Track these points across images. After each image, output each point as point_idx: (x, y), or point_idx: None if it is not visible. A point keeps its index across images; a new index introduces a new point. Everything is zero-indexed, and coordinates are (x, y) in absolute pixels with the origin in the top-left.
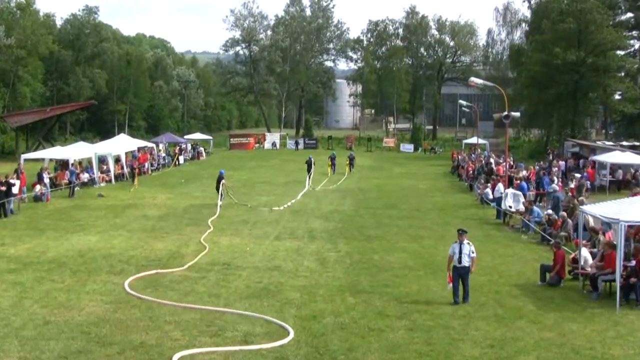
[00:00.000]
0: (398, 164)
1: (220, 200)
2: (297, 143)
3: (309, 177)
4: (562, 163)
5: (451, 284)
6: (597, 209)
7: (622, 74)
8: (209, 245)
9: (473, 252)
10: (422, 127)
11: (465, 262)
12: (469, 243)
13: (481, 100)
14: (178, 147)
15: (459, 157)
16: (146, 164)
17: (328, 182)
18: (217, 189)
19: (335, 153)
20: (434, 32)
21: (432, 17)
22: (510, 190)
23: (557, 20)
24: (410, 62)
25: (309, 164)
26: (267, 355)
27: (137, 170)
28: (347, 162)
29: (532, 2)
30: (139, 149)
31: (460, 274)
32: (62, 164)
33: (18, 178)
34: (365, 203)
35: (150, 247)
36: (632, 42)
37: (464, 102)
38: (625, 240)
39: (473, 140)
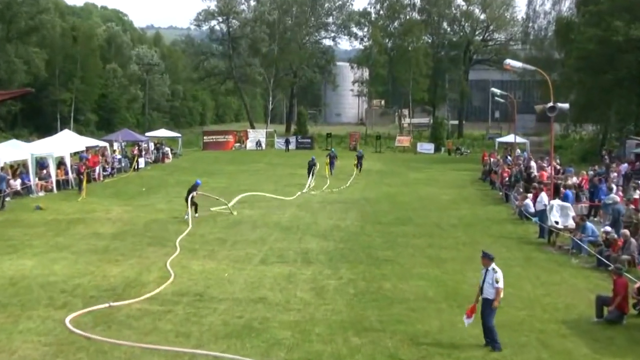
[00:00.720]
0: (414, 169)
1: (188, 214)
2: (287, 142)
3: (309, 181)
4: (622, 167)
5: (470, 319)
6: None
7: None
8: (176, 270)
9: (497, 282)
10: (445, 122)
11: (488, 293)
12: (494, 269)
13: (519, 88)
14: (137, 147)
15: (491, 159)
16: (97, 168)
17: (326, 189)
18: (187, 199)
19: (335, 151)
20: (460, 2)
21: None
22: (556, 202)
23: None
24: (430, 41)
25: (310, 166)
26: None
27: (85, 176)
28: (355, 162)
29: None
30: (88, 149)
31: (481, 308)
32: None
33: None
34: (373, 217)
35: (102, 273)
36: None
37: (497, 91)
38: None
39: (509, 138)
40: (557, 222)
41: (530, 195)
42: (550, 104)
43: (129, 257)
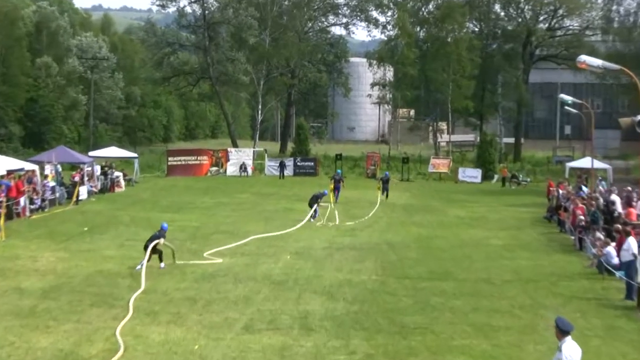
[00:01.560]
0: (454, 203)
1: (142, 264)
2: (282, 166)
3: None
4: None
5: None
6: None
7: None
8: (128, 341)
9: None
10: (497, 140)
11: None
12: (559, 349)
13: (598, 95)
14: (78, 172)
15: (560, 191)
16: (22, 200)
17: (330, 223)
18: (146, 247)
19: (341, 173)
20: None
21: None
22: None
23: None
24: (476, 30)
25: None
26: None
27: (4, 210)
28: (379, 186)
29: None
30: (10, 173)
31: None
32: None
33: None
34: (399, 268)
35: (27, 344)
36: None
37: (568, 98)
38: None
39: (584, 162)
40: None
41: (613, 241)
42: None
43: (63, 321)
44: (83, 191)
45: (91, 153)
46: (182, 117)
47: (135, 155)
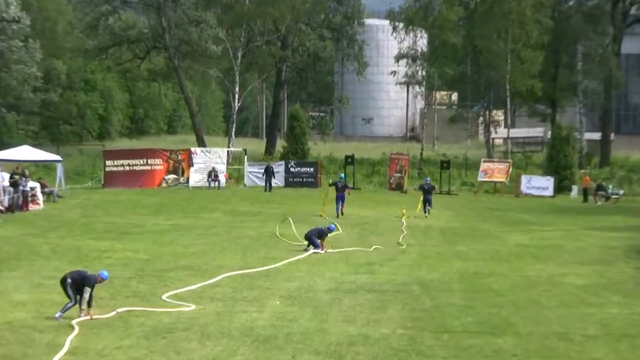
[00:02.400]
0: (516, 225)
1: (82, 313)
2: (268, 172)
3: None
4: None
5: None
6: None
7: None
8: None
9: None
10: (575, 136)
11: None
12: None
13: None
14: None
15: None
16: None
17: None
18: (74, 295)
19: (344, 178)
20: None
21: None
22: None
23: None
24: None
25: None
26: None
27: None
28: (421, 199)
29: None
30: None
31: None
32: None
33: None
34: (436, 319)
35: None
36: None
37: None
38: None
39: None
40: None
41: None
42: None
43: None
44: None
45: None
46: (125, 104)
47: (58, 158)
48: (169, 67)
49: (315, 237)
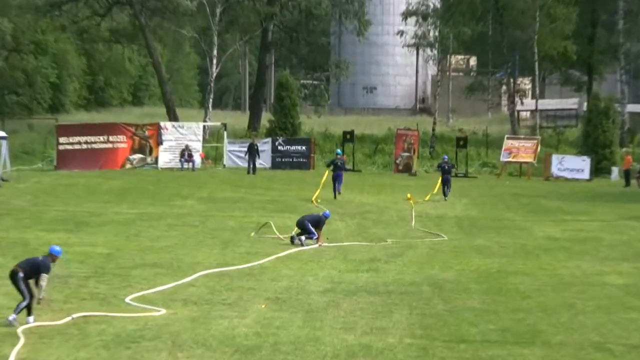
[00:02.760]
0: (545, 214)
1: (30, 316)
2: (252, 151)
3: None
4: None
5: None
6: None
7: None
8: None
9: None
10: (615, 108)
11: None
12: None
13: None
14: None
15: None
16: None
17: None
18: (21, 287)
19: (341, 154)
20: None
21: None
22: None
23: None
24: None
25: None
26: None
27: None
28: (440, 180)
29: None
30: None
31: None
32: None
33: None
34: (450, 326)
35: None
36: None
37: None
38: None
39: None
40: None
41: None
42: None
43: None
44: None
45: None
46: (83, 71)
47: (2, 134)
48: (134, 26)
49: (310, 224)
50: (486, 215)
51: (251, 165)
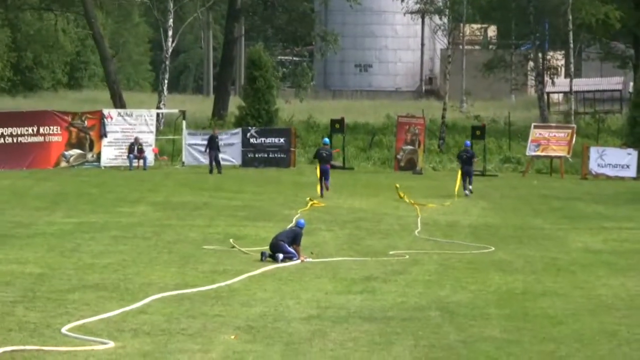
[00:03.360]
0: (582, 220)
1: None
2: (213, 145)
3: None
4: None
5: None
6: None
7: None
8: None
9: None
10: None
11: None
12: None
13: None
14: None
15: None
16: None
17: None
18: None
19: (329, 143)
20: None
21: None
22: None
23: None
24: None
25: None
26: None
27: None
28: (459, 173)
29: None
30: None
31: None
32: None
33: None
34: (465, 358)
35: None
36: None
37: None
38: None
39: None
40: None
41: None
42: None
43: None
44: None
45: None
46: (6, 46)
47: None
48: None
49: (287, 245)
50: (508, 222)
51: (214, 163)
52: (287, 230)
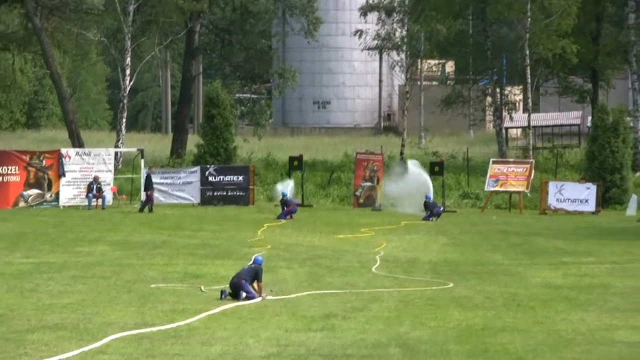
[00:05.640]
0: (542, 256)
1: None
2: (148, 183)
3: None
4: None
5: None
6: None
7: None
8: None
9: None
10: (627, 123)
11: None
12: None
13: None
14: None
15: None
16: None
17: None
18: None
19: (287, 195)
20: None
21: None
22: None
23: None
24: None
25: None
26: None
27: None
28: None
29: None
30: None
31: None
32: None
33: None
34: None
35: None
36: None
37: None
38: None
39: None
40: None
41: None
42: None
43: None
44: None
45: None
46: None
47: None
48: (27, 29)
49: (248, 284)
50: (468, 258)
51: (146, 202)
52: (247, 268)
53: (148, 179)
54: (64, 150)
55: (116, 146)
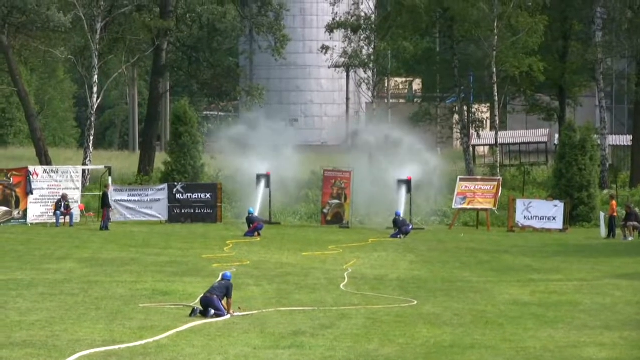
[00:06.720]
0: (510, 272)
1: None
2: (105, 201)
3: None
4: None
5: None
6: None
7: None
8: None
9: None
10: (594, 140)
11: None
12: None
13: None
14: None
15: None
16: None
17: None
18: None
19: (253, 212)
20: None
21: None
22: None
23: None
24: None
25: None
26: None
27: None
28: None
29: None
30: None
31: None
32: None
33: None
34: None
35: None
36: None
37: None
38: None
39: None
40: None
41: None
42: None
43: None
44: None
45: None
46: None
47: None
48: None
49: (221, 299)
50: (436, 275)
51: (103, 223)
52: (218, 284)
53: (104, 196)
54: (31, 168)
55: (84, 164)
